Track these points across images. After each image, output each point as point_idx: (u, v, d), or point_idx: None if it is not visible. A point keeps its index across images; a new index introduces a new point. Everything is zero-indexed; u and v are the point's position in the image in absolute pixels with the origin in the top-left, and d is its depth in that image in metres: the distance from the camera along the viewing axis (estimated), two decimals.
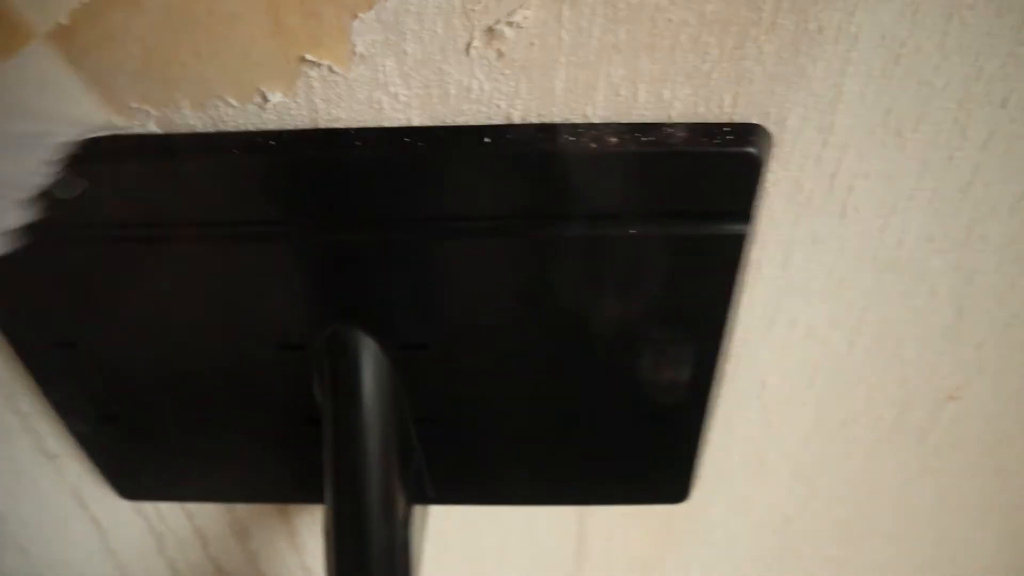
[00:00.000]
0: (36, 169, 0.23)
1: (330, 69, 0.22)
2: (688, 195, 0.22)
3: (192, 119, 0.23)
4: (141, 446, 0.32)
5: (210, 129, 0.23)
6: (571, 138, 0.22)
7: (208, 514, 0.38)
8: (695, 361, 0.27)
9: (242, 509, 0.37)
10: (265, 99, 0.22)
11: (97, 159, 0.23)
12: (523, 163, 0.22)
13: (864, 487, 0.35)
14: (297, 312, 0.26)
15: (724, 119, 0.22)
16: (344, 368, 0.26)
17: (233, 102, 0.23)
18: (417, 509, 0.30)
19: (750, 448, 0.33)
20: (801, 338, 0.28)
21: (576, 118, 0.23)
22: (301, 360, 0.27)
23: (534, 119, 0.23)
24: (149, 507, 0.37)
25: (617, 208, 0.23)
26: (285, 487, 0.34)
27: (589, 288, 0.25)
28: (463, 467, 0.31)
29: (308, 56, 0.22)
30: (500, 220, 0.23)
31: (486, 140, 0.22)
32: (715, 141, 0.22)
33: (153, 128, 0.23)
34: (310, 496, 0.32)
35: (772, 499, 0.35)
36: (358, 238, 0.24)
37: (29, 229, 0.23)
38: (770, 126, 0.23)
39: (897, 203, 0.25)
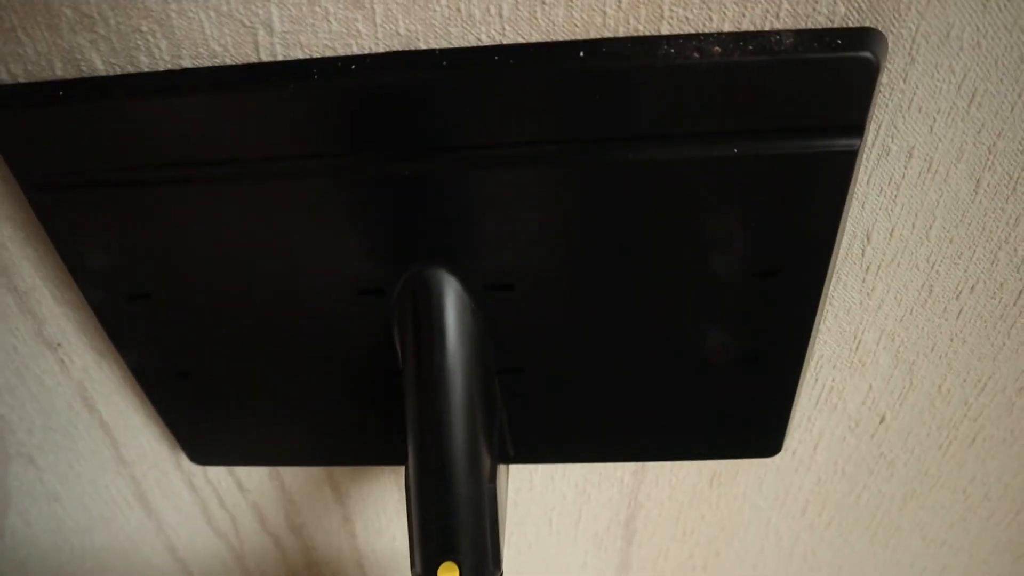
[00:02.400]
0: None
1: None
2: (797, 108, 0.21)
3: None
4: (214, 405, 0.31)
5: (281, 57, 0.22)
6: (671, 49, 0.20)
7: None
8: (796, 297, 0.25)
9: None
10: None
11: (160, 92, 0.22)
12: (619, 79, 0.20)
13: (974, 376, 0.30)
14: (377, 253, 0.25)
15: (835, 24, 0.21)
16: (427, 309, 0.25)
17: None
18: (500, 468, 0.28)
19: (844, 323, 0.28)
20: (916, 175, 0.24)
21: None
22: (382, 306, 0.26)
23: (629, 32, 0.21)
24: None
25: (719, 125, 0.21)
26: (365, 447, 0.32)
27: (686, 218, 0.23)
28: (545, 422, 0.30)
29: None
30: (594, 143, 0.22)
31: (580, 54, 0.20)
32: (827, 47, 0.20)
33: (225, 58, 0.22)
34: (392, 457, 0.31)
35: (865, 392, 0.31)
36: (441, 169, 0.22)
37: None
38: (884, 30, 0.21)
39: None
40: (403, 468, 0.27)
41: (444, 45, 0.22)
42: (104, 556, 0.42)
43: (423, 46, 0.22)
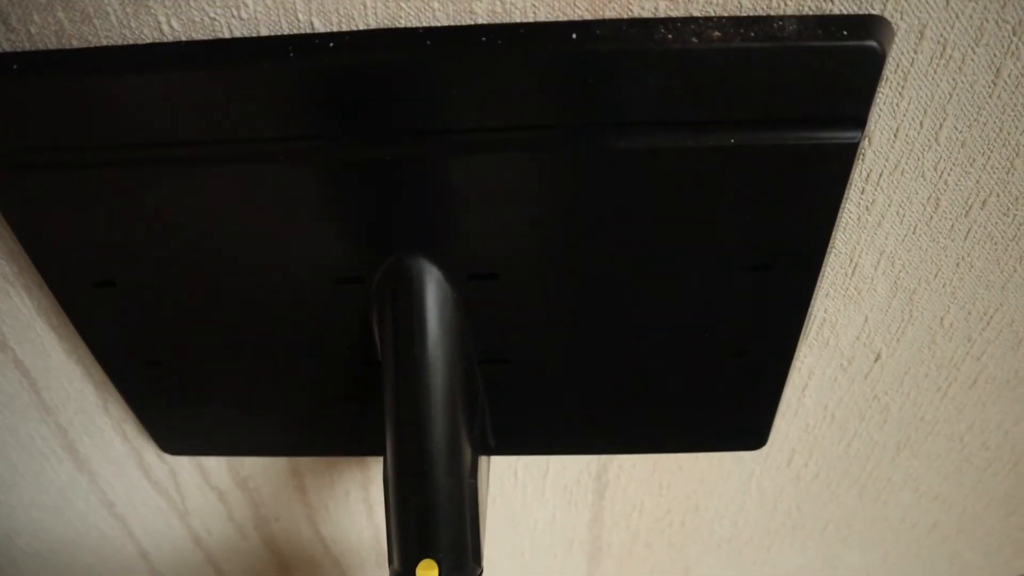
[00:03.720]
0: None
1: None
2: (797, 98, 0.20)
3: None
4: (185, 395, 0.30)
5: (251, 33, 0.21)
6: (668, 33, 0.19)
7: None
8: (787, 293, 0.24)
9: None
10: None
11: (125, 68, 0.20)
12: (613, 63, 0.19)
13: (980, 308, 0.27)
14: (355, 240, 0.24)
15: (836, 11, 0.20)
16: (407, 298, 0.24)
17: None
18: (482, 460, 0.27)
19: (839, 243, 0.25)
20: (927, 62, 0.21)
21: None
22: (360, 295, 0.25)
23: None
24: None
25: (716, 114, 0.20)
26: (341, 438, 0.31)
27: (678, 209, 0.22)
28: (528, 413, 0.29)
29: None
30: (585, 128, 0.21)
31: (573, 36, 0.19)
32: (832, 35, 0.19)
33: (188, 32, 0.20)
34: (366, 448, 0.31)
35: (861, 325, 0.28)
36: (423, 153, 0.21)
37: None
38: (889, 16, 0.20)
39: None
40: (367, 459, 0.26)
41: (430, 23, 0.20)
42: (35, 513, 0.39)
43: (406, 23, 0.20)
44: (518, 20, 0.20)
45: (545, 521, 0.38)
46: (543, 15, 0.20)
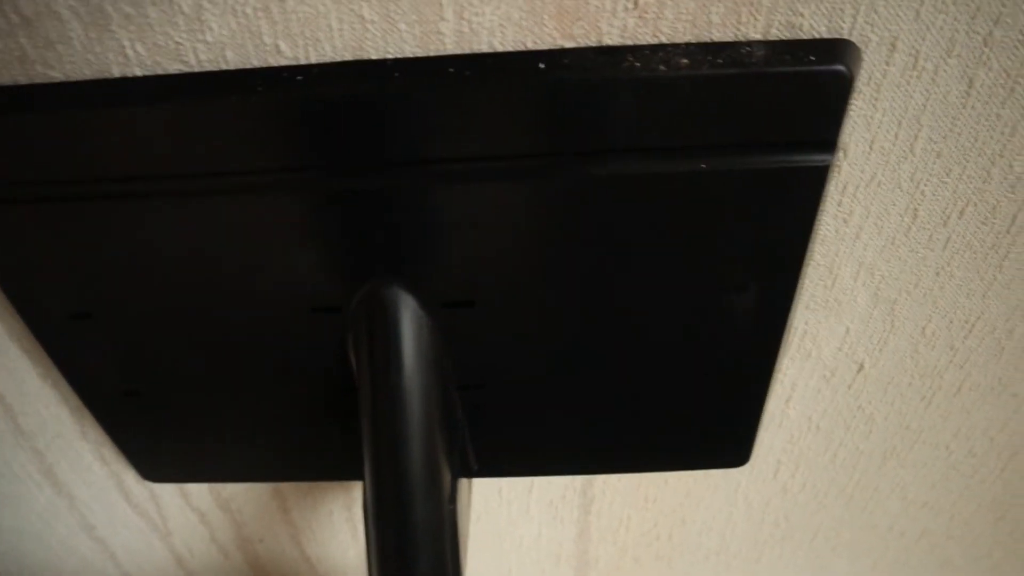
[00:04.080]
0: None
1: None
2: (767, 123, 0.20)
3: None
4: (165, 423, 0.30)
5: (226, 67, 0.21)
6: (636, 61, 0.19)
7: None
8: (764, 313, 0.25)
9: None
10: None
11: (96, 104, 0.20)
12: (582, 91, 0.20)
13: (961, 317, 0.27)
14: (331, 270, 0.24)
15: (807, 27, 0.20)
16: (383, 328, 0.24)
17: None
18: (463, 483, 0.28)
19: (818, 256, 0.25)
20: (899, 73, 0.21)
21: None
22: (336, 323, 0.25)
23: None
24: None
25: (687, 140, 0.20)
26: (321, 463, 0.31)
27: (651, 233, 0.23)
28: (509, 436, 0.29)
29: None
30: (556, 157, 0.21)
31: (540, 66, 0.19)
32: (800, 60, 0.19)
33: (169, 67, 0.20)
34: (347, 473, 0.32)
35: (842, 336, 0.28)
36: (395, 184, 0.21)
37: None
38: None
39: None
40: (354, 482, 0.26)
41: (397, 44, 0.20)
42: (15, 538, 0.39)
43: (372, 45, 0.20)
44: (485, 40, 0.20)
45: (531, 537, 0.37)
46: (511, 36, 0.20)
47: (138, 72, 0.21)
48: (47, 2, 0.19)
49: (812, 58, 0.19)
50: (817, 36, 0.20)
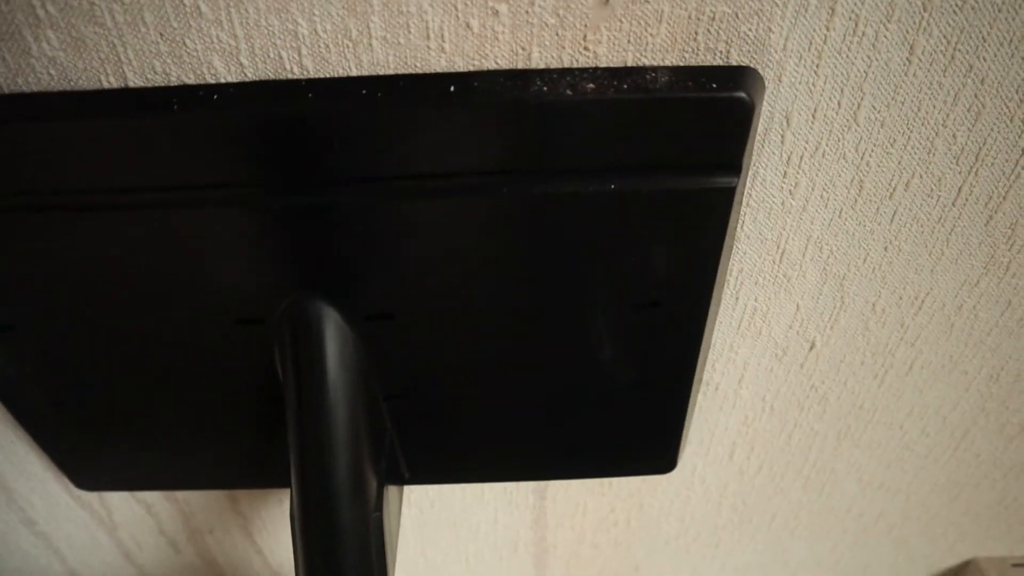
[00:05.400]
0: None
1: None
2: (673, 146, 0.21)
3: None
4: (93, 433, 0.29)
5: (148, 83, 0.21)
6: (544, 86, 0.20)
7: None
8: (679, 327, 0.25)
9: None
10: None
11: (18, 117, 0.20)
12: (492, 114, 0.20)
13: (910, 292, 0.27)
14: (254, 283, 0.24)
15: (710, 61, 0.20)
16: (306, 340, 0.25)
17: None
18: (391, 490, 0.28)
19: (765, 229, 0.25)
20: (840, 38, 0.20)
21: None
22: (261, 335, 0.25)
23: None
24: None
25: (595, 162, 0.21)
26: (248, 472, 0.32)
27: (565, 250, 0.23)
28: (438, 445, 0.30)
29: None
30: (468, 177, 0.21)
31: (451, 89, 0.20)
32: (702, 86, 0.20)
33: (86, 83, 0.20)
34: (275, 481, 0.32)
35: (793, 313, 0.27)
36: (315, 200, 0.22)
37: None
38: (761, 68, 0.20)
39: None
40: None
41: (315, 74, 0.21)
42: None
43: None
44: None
45: (488, 523, 0.37)
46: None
47: (51, 37, 0.20)
48: None
49: (714, 85, 0.20)
50: (722, 62, 0.20)
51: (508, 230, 0.22)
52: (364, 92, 0.20)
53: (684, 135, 0.20)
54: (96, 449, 0.30)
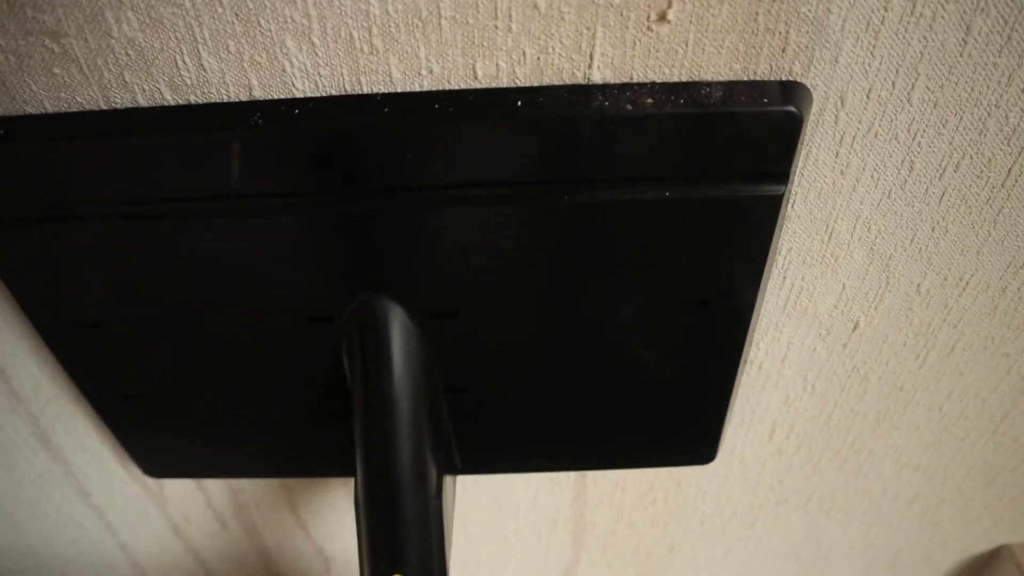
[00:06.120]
0: None
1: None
2: (725, 156, 0.22)
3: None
4: (166, 424, 0.31)
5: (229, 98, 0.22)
6: (605, 101, 0.21)
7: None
8: (726, 325, 0.26)
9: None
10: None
11: (111, 133, 0.22)
12: (556, 127, 0.21)
13: (955, 274, 0.27)
14: (326, 283, 0.26)
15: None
16: (373, 337, 0.26)
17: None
18: (448, 479, 0.29)
19: (815, 209, 0.25)
20: (897, 19, 0.21)
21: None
22: (331, 332, 0.27)
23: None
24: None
25: (652, 171, 0.22)
26: (315, 461, 0.33)
27: (620, 253, 0.24)
28: (492, 436, 0.31)
29: None
30: (531, 185, 0.22)
31: (518, 103, 0.21)
32: (754, 101, 0.21)
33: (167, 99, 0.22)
34: (334, 470, 0.33)
35: (839, 293, 0.28)
36: (388, 206, 0.23)
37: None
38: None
39: None
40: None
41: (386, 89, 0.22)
42: (9, 506, 0.38)
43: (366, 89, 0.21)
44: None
45: (528, 501, 0.38)
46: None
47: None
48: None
49: (765, 100, 0.21)
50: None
51: (568, 235, 0.24)
52: (437, 107, 0.21)
53: (736, 146, 0.21)
54: (165, 439, 0.32)
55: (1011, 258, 0.27)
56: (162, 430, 0.31)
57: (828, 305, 0.28)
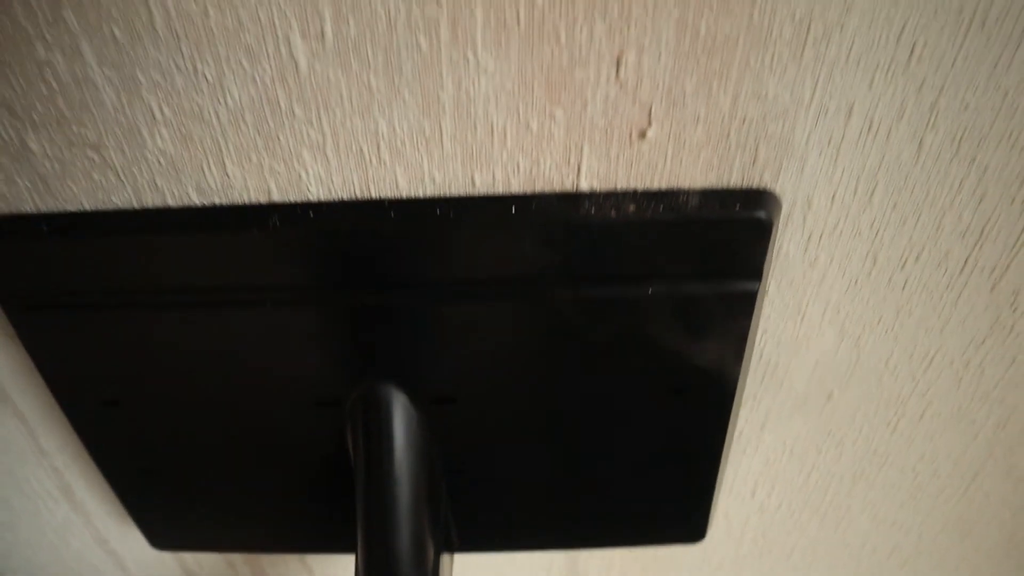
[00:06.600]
0: None
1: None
2: (702, 257, 0.24)
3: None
4: (176, 499, 0.33)
5: (250, 201, 0.24)
6: (592, 207, 0.23)
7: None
8: (707, 412, 0.28)
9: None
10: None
11: (142, 231, 0.24)
12: (547, 231, 0.23)
13: (921, 351, 0.29)
14: (334, 370, 0.27)
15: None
16: (376, 420, 0.28)
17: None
18: (445, 557, 0.31)
19: (788, 296, 0.27)
20: (856, 135, 0.23)
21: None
22: (336, 415, 0.28)
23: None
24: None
25: (635, 270, 0.24)
26: (317, 537, 0.35)
27: (605, 344, 0.26)
28: (488, 516, 0.33)
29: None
30: (523, 283, 0.25)
31: (513, 209, 0.23)
32: (728, 207, 0.23)
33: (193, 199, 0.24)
34: (341, 547, 0.35)
35: (812, 368, 0.30)
36: (392, 300, 0.25)
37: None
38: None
39: None
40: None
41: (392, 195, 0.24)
42: (30, 552, 0.40)
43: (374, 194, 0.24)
44: (481, 108, 0.22)
45: (522, 556, 0.39)
46: (504, 102, 0.22)
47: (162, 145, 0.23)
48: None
49: (738, 206, 0.23)
50: (747, 187, 0.24)
51: (558, 329, 0.26)
52: (439, 211, 0.23)
53: (712, 248, 0.24)
54: (173, 514, 0.34)
55: (972, 336, 0.29)
56: (171, 505, 0.33)
57: (803, 379, 0.30)
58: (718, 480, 0.31)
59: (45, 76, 0.22)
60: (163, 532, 0.35)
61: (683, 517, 0.33)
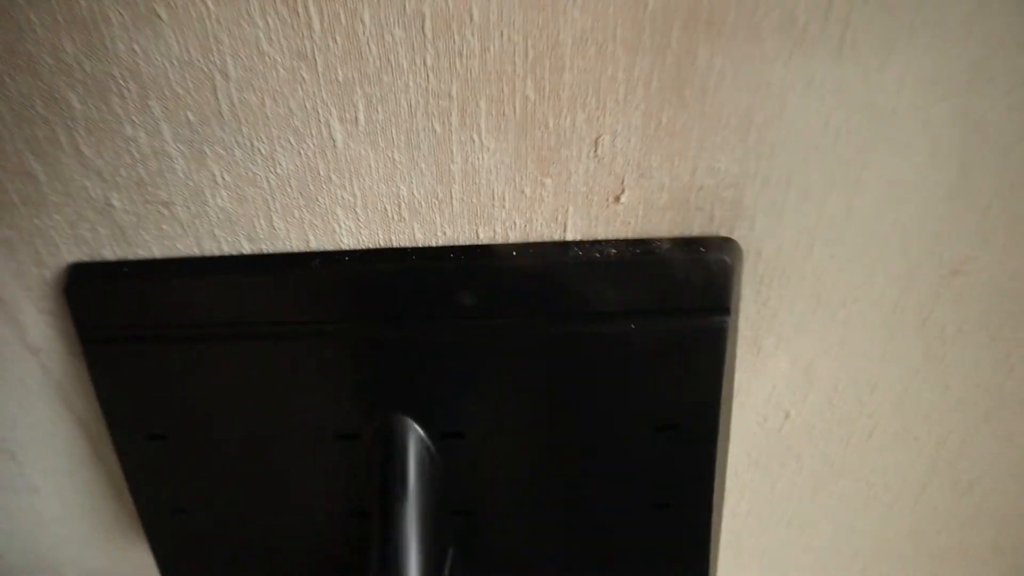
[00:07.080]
0: None
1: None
2: (676, 295, 0.27)
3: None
4: (203, 541, 0.35)
5: (292, 249, 0.29)
6: (579, 251, 0.27)
7: None
8: (694, 447, 0.31)
9: None
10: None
11: (203, 274, 0.29)
12: (541, 272, 0.27)
13: (865, 377, 0.34)
14: (355, 404, 0.30)
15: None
16: (392, 447, 0.30)
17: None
18: None
19: (745, 331, 0.32)
20: (795, 200, 0.27)
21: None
22: (356, 449, 0.31)
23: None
24: None
25: (617, 308, 0.28)
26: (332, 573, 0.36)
27: (597, 379, 0.29)
28: (493, 558, 0.35)
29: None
30: (520, 318, 0.28)
31: (513, 254, 0.28)
32: (695, 251, 0.27)
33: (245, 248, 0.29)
34: None
35: (770, 391, 0.34)
36: (409, 334, 0.29)
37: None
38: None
39: (897, 40, 0.24)
40: None
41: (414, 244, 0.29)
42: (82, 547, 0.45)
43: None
44: (484, 180, 0.27)
45: None
46: (503, 174, 0.27)
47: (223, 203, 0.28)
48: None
49: (702, 249, 0.27)
50: (711, 235, 0.28)
51: (552, 364, 0.29)
52: (452, 256, 0.28)
53: (684, 287, 0.27)
54: (198, 553, 0.36)
55: (907, 364, 0.33)
56: (199, 547, 0.35)
57: (762, 400, 0.35)
58: (716, 523, 0.33)
59: (130, 149, 0.26)
60: (183, 572, 0.37)
61: (684, 562, 0.35)
